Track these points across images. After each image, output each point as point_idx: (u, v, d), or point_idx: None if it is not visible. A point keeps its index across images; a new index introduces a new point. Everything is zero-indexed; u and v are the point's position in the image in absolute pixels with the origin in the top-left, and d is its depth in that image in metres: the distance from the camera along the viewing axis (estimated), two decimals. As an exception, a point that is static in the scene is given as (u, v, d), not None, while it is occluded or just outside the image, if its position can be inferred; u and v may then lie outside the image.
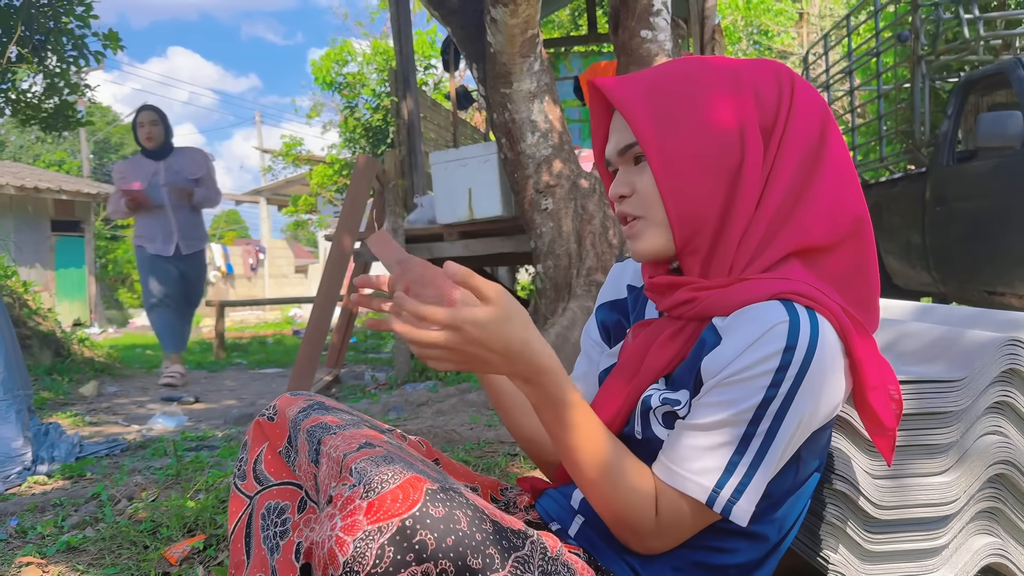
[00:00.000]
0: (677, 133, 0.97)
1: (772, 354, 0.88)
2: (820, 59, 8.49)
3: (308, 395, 1.18)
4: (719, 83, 0.98)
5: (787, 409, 0.89)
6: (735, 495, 0.90)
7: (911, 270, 5.73)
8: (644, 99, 0.98)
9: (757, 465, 0.90)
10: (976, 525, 1.28)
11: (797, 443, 0.94)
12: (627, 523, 0.96)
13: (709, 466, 0.91)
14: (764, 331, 0.89)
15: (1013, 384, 1.25)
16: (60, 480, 2.79)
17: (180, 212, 5.75)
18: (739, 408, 0.90)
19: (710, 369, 0.94)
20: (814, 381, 0.89)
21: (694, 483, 0.91)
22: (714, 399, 0.92)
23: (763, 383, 0.89)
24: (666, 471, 0.94)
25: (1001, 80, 5.07)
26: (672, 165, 0.97)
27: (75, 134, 24.39)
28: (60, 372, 5.91)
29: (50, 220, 15.40)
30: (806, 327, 0.89)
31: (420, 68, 15.38)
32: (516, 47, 3.86)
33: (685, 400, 0.98)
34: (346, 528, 0.79)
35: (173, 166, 5.75)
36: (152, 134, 5.74)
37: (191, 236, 5.87)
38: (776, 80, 1.00)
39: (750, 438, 0.90)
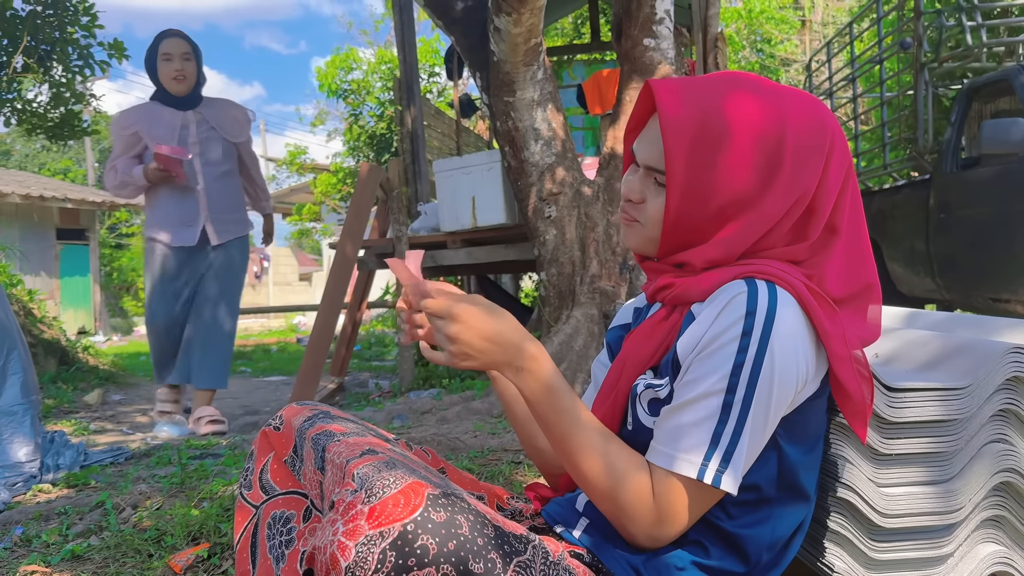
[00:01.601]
0: (702, 182, 1.00)
1: (735, 321, 0.94)
2: (823, 66, 8.50)
3: (313, 404, 1.19)
4: (762, 136, 0.99)
5: (759, 372, 0.93)
6: (722, 465, 0.93)
7: (915, 277, 5.73)
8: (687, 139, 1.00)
9: (740, 432, 0.93)
10: (981, 533, 1.27)
11: (777, 411, 0.96)
12: (627, 512, 0.97)
13: (695, 442, 0.94)
14: (725, 303, 0.95)
15: (1018, 392, 1.25)
16: (65, 488, 2.80)
17: (213, 184, 4.13)
18: (713, 379, 0.94)
19: (684, 348, 0.99)
20: (779, 341, 0.93)
21: (683, 460, 0.94)
22: (690, 376, 0.97)
23: (731, 350, 0.93)
24: (656, 454, 0.97)
25: (1005, 87, 5.08)
26: (684, 207, 1.02)
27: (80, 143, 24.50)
28: (65, 380, 5.92)
29: (55, 228, 15.45)
30: (764, 293, 0.95)
31: (424, 76, 15.42)
32: (519, 56, 3.87)
33: (666, 383, 1.01)
34: (348, 533, 0.79)
35: (208, 120, 4.14)
36: (184, 72, 4.06)
37: (227, 217, 4.19)
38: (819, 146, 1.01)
39: (729, 407, 0.93)
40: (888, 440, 1.19)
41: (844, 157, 1.04)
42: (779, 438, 1.00)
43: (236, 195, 4.27)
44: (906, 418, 1.18)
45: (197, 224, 4.09)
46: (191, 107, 4.11)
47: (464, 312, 0.96)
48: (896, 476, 1.21)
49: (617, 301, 3.92)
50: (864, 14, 8.22)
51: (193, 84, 4.10)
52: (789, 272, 0.99)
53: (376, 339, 10.61)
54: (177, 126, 4.04)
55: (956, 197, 5.17)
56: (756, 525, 1.01)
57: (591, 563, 1.02)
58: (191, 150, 4.04)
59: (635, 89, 4.03)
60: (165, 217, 4.08)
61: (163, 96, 4.10)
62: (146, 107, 4.13)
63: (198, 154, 4.05)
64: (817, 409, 1.05)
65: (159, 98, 4.12)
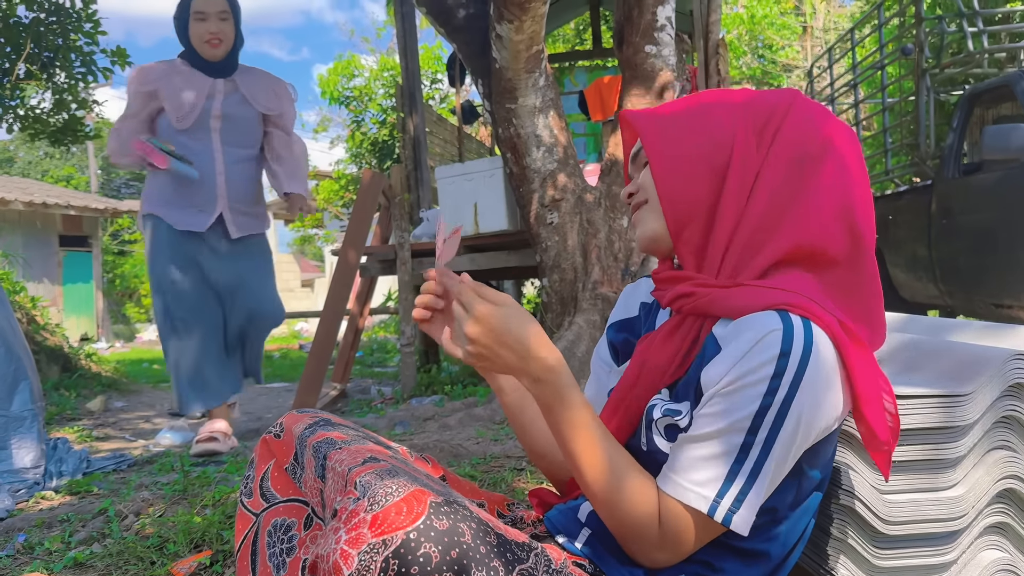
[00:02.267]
0: (674, 134, 1.05)
1: (767, 361, 0.90)
2: (824, 72, 8.50)
3: (314, 412, 1.19)
4: (723, 97, 1.07)
5: (784, 416, 0.90)
6: (735, 505, 0.91)
7: (917, 283, 5.72)
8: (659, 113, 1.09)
9: (756, 474, 0.91)
10: (985, 540, 1.27)
11: (797, 452, 0.94)
12: (631, 532, 0.96)
13: (709, 476, 0.92)
14: (758, 339, 0.91)
15: (1020, 398, 1.24)
16: (67, 495, 2.79)
17: (234, 165, 3.52)
18: (736, 417, 0.91)
19: (709, 379, 0.96)
20: (810, 388, 0.90)
21: (695, 494, 0.92)
22: (712, 409, 0.94)
23: (759, 391, 0.90)
24: (668, 482, 0.95)
25: (1006, 93, 5.08)
26: (665, 159, 1.05)
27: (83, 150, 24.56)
28: (67, 387, 5.93)
29: (58, 235, 15.48)
30: (800, 334, 0.91)
31: (426, 83, 15.45)
32: (521, 63, 3.88)
33: (686, 411, 0.99)
34: (350, 541, 0.79)
35: (241, 90, 3.55)
36: (221, 34, 3.46)
37: (246, 208, 3.59)
38: (781, 94, 1.06)
39: (749, 447, 0.91)
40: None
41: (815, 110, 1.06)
42: (802, 463, 0.98)
43: (257, 185, 3.70)
44: (909, 425, 1.18)
45: (212, 211, 3.44)
46: (224, 75, 3.51)
47: (485, 313, 0.97)
48: (899, 483, 1.21)
49: (619, 307, 3.91)
50: (865, 20, 8.23)
51: (229, 48, 3.50)
52: (824, 305, 0.96)
53: (378, 345, 10.61)
54: (203, 96, 3.43)
55: (958, 203, 5.17)
56: (768, 542, 1.00)
57: (593, 573, 1.01)
58: (212, 126, 3.45)
59: (636, 95, 4.04)
60: (170, 195, 3.43)
61: (192, 58, 3.49)
62: (172, 65, 3.49)
63: (218, 130, 3.45)
64: (838, 431, 1.04)
65: (187, 59, 3.51)
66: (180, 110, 3.39)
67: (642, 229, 1.12)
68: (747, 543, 0.99)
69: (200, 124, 3.43)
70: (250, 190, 3.61)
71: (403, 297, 5.38)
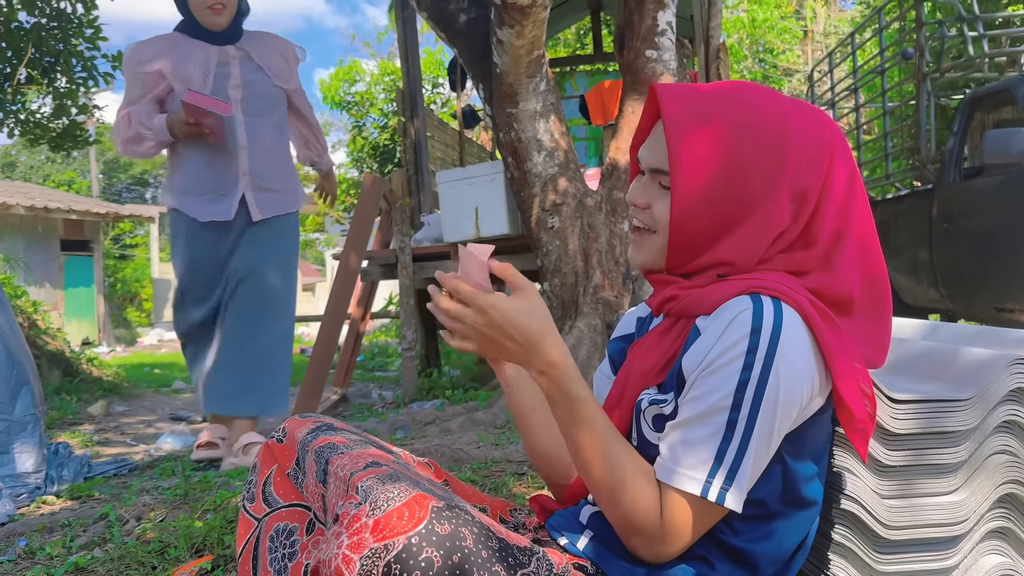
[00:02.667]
0: (705, 180, 1.00)
1: (740, 339, 0.93)
2: (825, 76, 8.51)
3: (316, 417, 1.19)
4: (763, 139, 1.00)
5: (763, 390, 0.92)
6: (726, 482, 0.93)
7: (918, 287, 5.72)
8: (689, 137, 1.01)
9: (744, 450, 0.93)
10: (987, 545, 1.27)
11: (781, 428, 0.96)
12: (634, 525, 0.97)
13: (699, 459, 0.94)
14: (730, 320, 0.95)
15: (1021, 403, 1.24)
16: (68, 500, 2.80)
17: (258, 141, 3.13)
18: (718, 396, 0.93)
19: (689, 365, 0.99)
20: (784, 360, 0.93)
21: (688, 477, 0.94)
22: (695, 393, 0.96)
23: (736, 367, 0.93)
24: (662, 471, 0.97)
25: (1007, 97, 5.08)
26: (689, 207, 1.01)
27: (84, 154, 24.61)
28: (68, 391, 5.93)
29: (59, 240, 15.49)
30: (769, 310, 0.94)
31: (428, 87, 15.48)
32: (522, 67, 3.89)
33: (671, 399, 1.01)
34: (352, 546, 0.79)
35: (253, 58, 3.16)
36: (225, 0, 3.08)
37: (274, 185, 3.20)
38: (820, 147, 1.02)
39: (734, 424, 0.93)
40: (892, 452, 1.19)
41: (847, 161, 1.04)
42: (784, 453, 0.99)
43: (285, 157, 3.26)
44: (910, 430, 1.18)
45: (234, 193, 3.07)
46: (230, 42, 3.13)
47: (491, 307, 0.98)
48: (900, 488, 1.21)
49: (620, 311, 3.92)
50: (866, 24, 8.24)
51: (233, 15, 3.12)
52: (794, 287, 0.99)
53: (379, 350, 10.61)
54: (213, 65, 3.04)
55: (959, 207, 5.17)
56: (762, 540, 1.01)
57: (595, 575, 1.02)
58: (232, 95, 3.04)
59: (637, 100, 4.04)
60: (193, 182, 3.08)
61: (192, 28, 3.10)
62: (171, 39, 3.11)
63: (239, 100, 3.03)
64: (822, 423, 1.04)
65: (186, 30, 3.12)
66: (192, 85, 2.99)
67: (641, 258, 1.11)
68: (740, 541, 0.99)
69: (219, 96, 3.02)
70: (279, 163, 3.21)
71: (404, 301, 5.38)
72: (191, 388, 7.48)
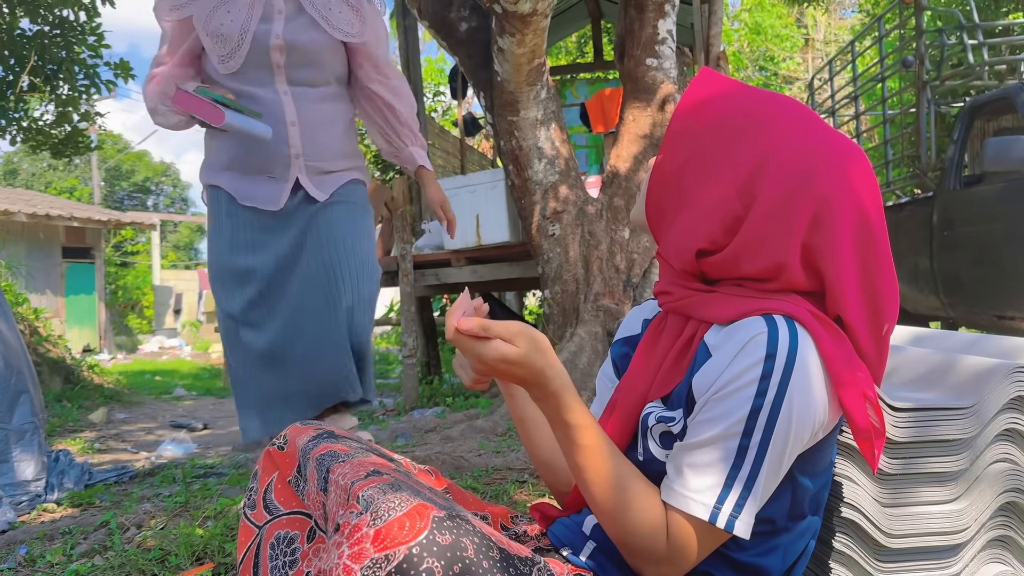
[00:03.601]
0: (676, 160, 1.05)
1: (754, 364, 0.91)
2: (825, 84, 8.53)
3: (318, 424, 1.19)
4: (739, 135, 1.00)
5: (776, 417, 0.91)
6: (736, 509, 0.92)
7: (919, 295, 5.72)
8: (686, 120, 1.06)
9: (755, 477, 0.92)
10: (988, 554, 1.27)
11: (792, 454, 0.95)
12: (638, 548, 0.96)
13: (709, 483, 0.92)
14: (745, 343, 0.93)
15: (1022, 411, 1.25)
16: (69, 508, 2.79)
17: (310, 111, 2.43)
18: (730, 421, 0.92)
19: (700, 386, 0.97)
20: (798, 386, 0.91)
21: (696, 502, 0.93)
22: (705, 416, 0.95)
23: (749, 393, 0.91)
24: (668, 492, 0.96)
25: (1007, 105, 5.09)
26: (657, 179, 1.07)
27: (86, 161, 24.65)
28: (70, 399, 5.93)
29: (61, 247, 15.51)
30: (784, 335, 0.92)
31: (429, 95, 15.50)
32: (523, 76, 3.90)
33: (679, 418, 1.00)
34: (353, 556, 0.79)
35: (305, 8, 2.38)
36: None
37: (333, 166, 2.49)
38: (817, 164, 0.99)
39: (745, 451, 0.91)
40: (892, 460, 1.19)
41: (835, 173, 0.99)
42: (795, 472, 0.98)
43: (348, 135, 2.55)
44: (910, 438, 1.18)
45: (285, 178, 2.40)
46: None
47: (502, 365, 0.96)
48: (901, 496, 1.21)
49: (620, 319, 3.92)
50: (866, 32, 8.26)
51: None
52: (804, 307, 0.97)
53: (380, 357, 10.61)
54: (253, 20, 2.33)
55: (959, 215, 5.17)
56: (768, 554, 1.01)
57: (597, 585, 1.01)
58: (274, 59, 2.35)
59: (638, 108, 4.05)
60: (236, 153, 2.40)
61: None
62: None
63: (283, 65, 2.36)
64: (832, 440, 1.03)
65: None
66: (224, 45, 2.34)
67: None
68: (747, 556, 0.99)
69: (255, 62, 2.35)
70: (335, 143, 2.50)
71: (405, 308, 5.38)
72: (192, 395, 7.49)
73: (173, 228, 35.22)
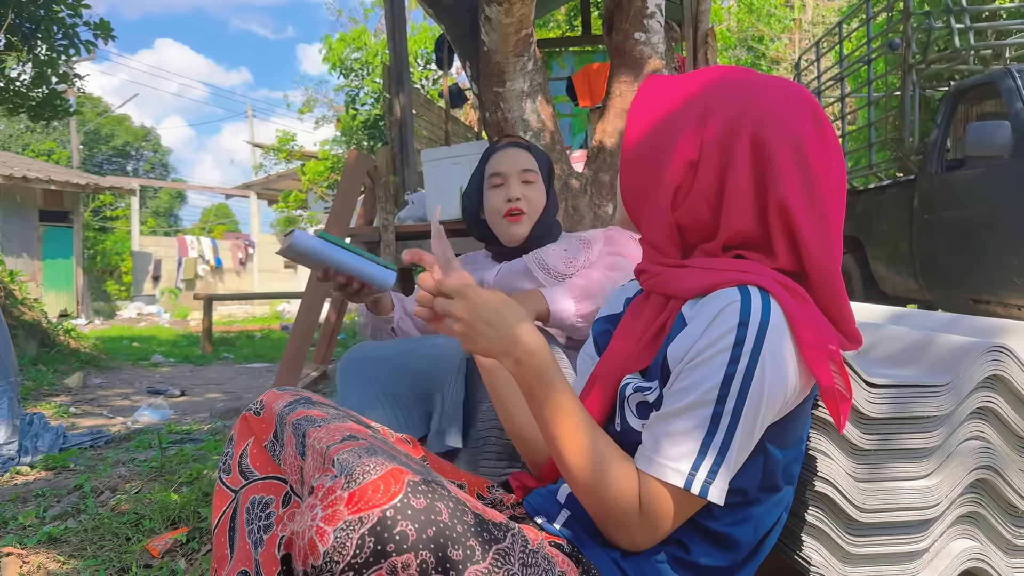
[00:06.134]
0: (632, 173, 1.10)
1: (727, 331, 0.93)
2: (812, 65, 8.52)
3: (294, 390, 1.18)
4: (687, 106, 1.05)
5: (749, 384, 0.92)
6: (710, 476, 0.93)
7: (897, 277, 5.77)
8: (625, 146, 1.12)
9: (728, 444, 0.93)
10: (957, 529, 1.29)
11: (764, 421, 0.96)
12: (613, 515, 0.97)
13: (684, 451, 0.94)
14: (718, 312, 0.94)
15: (996, 390, 1.26)
16: (43, 471, 2.77)
17: None
18: (704, 388, 0.93)
19: (674, 355, 0.98)
20: (770, 353, 0.92)
21: (671, 469, 0.94)
22: (680, 384, 0.96)
23: (722, 360, 0.92)
24: (643, 460, 0.97)
25: (991, 90, 5.11)
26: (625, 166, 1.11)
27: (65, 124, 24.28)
28: (45, 362, 5.88)
29: (38, 210, 15.30)
30: (757, 303, 0.93)
31: (421, 63, 15.35)
32: (510, 46, 3.86)
33: (655, 388, 1.01)
34: (327, 518, 0.79)
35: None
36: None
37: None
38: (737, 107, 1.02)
39: (719, 417, 0.93)
40: (867, 435, 1.20)
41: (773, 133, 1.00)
42: (766, 442, 0.99)
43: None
44: (885, 414, 1.19)
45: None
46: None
47: (471, 294, 1.01)
48: (874, 471, 1.22)
49: (602, 294, 3.92)
50: (853, 14, 8.24)
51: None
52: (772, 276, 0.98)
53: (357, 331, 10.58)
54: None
55: (940, 198, 5.21)
56: (740, 524, 1.02)
57: (571, 553, 1.02)
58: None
59: (625, 82, 4.03)
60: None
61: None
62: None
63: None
64: (805, 411, 1.05)
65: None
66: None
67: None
68: (719, 526, 1.00)
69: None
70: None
71: (386, 279, 5.35)
72: (170, 362, 7.44)
73: (153, 194, 34.82)
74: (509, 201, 2.06)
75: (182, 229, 31.58)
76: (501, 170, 2.14)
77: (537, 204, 2.12)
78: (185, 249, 20.32)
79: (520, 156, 2.17)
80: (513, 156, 2.15)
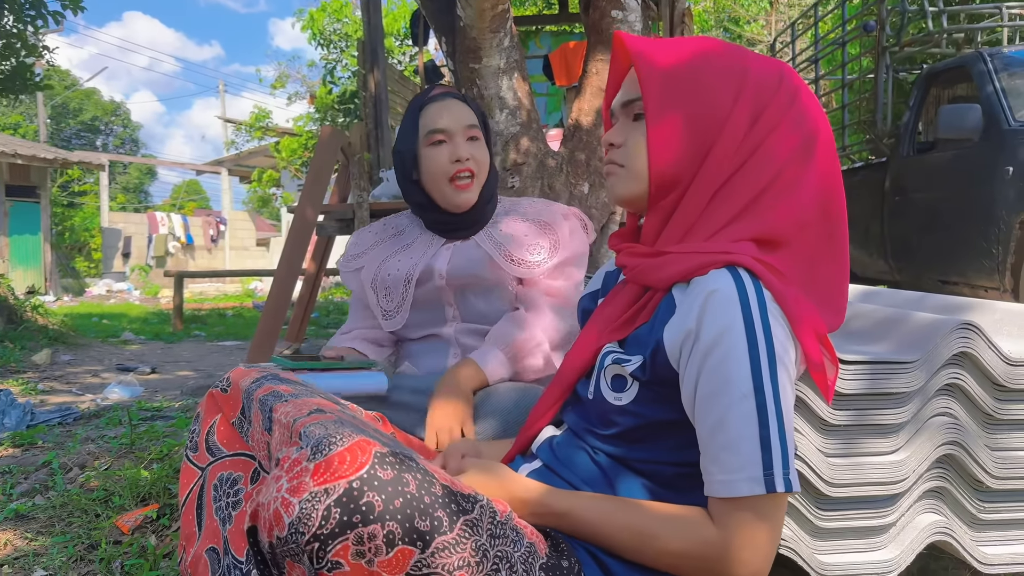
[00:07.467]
0: (677, 103, 1.02)
1: (731, 317, 0.91)
2: (787, 47, 8.54)
3: (261, 367, 1.17)
4: (729, 69, 1.03)
5: (774, 359, 0.91)
6: (784, 467, 0.89)
7: (868, 258, 5.83)
8: (661, 68, 1.04)
9: (783, 426, 0.90)
10: (923, 504, 1.31)
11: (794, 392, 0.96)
12: (696, 556, 0.92)
13: (747, 458, 0.89)
14: (709, 293, 0.93)
15: (963, 367, 1.27)
16: (10, 448, 2.73)
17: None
18: (737, 384, 0.90)
19: (672, 338, 0.96)
20: (776, 324, 0.93)
21: (743, 481, 0.89)
22: (707, 390, 0.92)
23: (741, 349, 0.90)
24: (719, 486, 0.91)
25: (963, 74, 5.15)
26: (664, 128, 1.03)
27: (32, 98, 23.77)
28: (12, 339, 5.78)
29: (4, 185, 15.00)
30: (749, 282, 0.93)
31: (399, 39, 15.19)
32: (486, 22, 3.83)
33: (637, 363, 1.00)
34: (292, 490, 0.78)
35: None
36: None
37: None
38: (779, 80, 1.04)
39: (764, 407, 0.89)
40: (837, 411, 1.21)
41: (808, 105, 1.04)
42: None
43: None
44: (856, 390, 1.20)
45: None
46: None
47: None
48: (844, 447, 1.23)
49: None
50: (830, -4, 8.25)
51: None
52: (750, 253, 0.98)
53: (335, 307, 10.53)
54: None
55: (911, 180, 5.26)
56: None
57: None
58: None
59: (602, 60, 4.01)
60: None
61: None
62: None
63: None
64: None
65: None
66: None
67: (619, 191, 1.10)
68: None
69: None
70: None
71: (360, 257, 5.31)
72: (140, 339, 7.36)
73: (123, 169, 34.30)
74: (458, 162, 1.79)
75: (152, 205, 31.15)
76: (444, 126, 1.82)
77: (484, 165, 1.86)
78: (155, 226, 20.03)
79: (463, 111, 1.84)
80: (456, 110, 1.83)
